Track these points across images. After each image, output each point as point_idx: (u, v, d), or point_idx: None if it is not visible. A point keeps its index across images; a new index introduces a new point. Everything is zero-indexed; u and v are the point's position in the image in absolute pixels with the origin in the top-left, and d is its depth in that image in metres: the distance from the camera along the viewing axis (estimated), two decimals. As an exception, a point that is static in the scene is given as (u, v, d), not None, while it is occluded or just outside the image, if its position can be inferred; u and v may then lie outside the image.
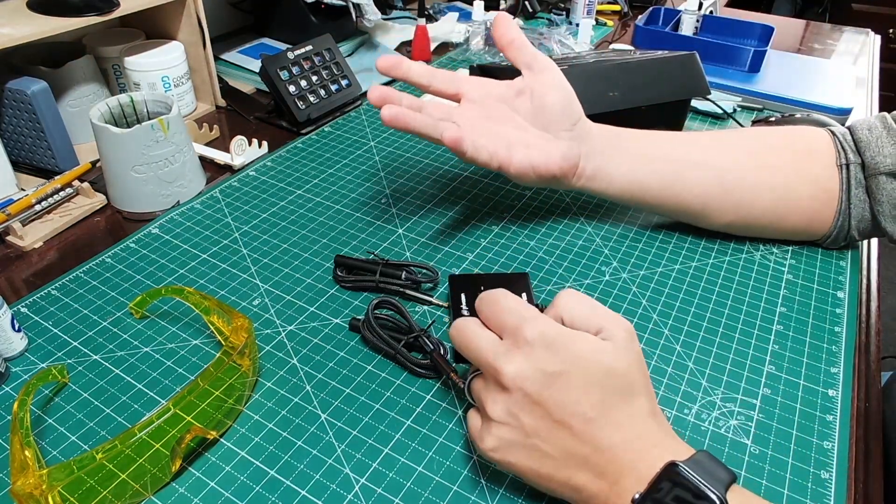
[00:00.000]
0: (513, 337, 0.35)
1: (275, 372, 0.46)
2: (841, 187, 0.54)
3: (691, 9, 1.10)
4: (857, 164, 0.54)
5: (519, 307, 0.36)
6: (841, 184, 0.54)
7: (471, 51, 1.04)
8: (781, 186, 0.54)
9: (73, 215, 0.61)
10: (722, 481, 0.31)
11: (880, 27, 1.63)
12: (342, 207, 0.63)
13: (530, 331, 0.34)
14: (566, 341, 0.34)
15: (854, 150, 0.55)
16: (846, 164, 0.54)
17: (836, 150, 0.55)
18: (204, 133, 0.74)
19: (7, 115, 0.64)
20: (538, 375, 0.33)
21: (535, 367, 0.33)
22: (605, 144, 0.54)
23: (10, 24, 0.61)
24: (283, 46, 0.96)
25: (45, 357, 0.46)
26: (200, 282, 0.54)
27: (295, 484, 0.38)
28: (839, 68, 1.00)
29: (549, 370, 0.33)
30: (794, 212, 0.55)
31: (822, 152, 0.55)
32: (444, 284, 0.54)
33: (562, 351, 0.34)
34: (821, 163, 0.55)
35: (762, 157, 0.55)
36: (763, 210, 0.55)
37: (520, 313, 0.35)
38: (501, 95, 0.53)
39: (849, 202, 0.54)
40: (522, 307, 0.36)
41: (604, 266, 0.56)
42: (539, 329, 0.34)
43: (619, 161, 0.54)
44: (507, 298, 0.37)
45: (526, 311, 0.35)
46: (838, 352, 0.49)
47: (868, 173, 0.54)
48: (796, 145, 0.56)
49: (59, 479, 0.33)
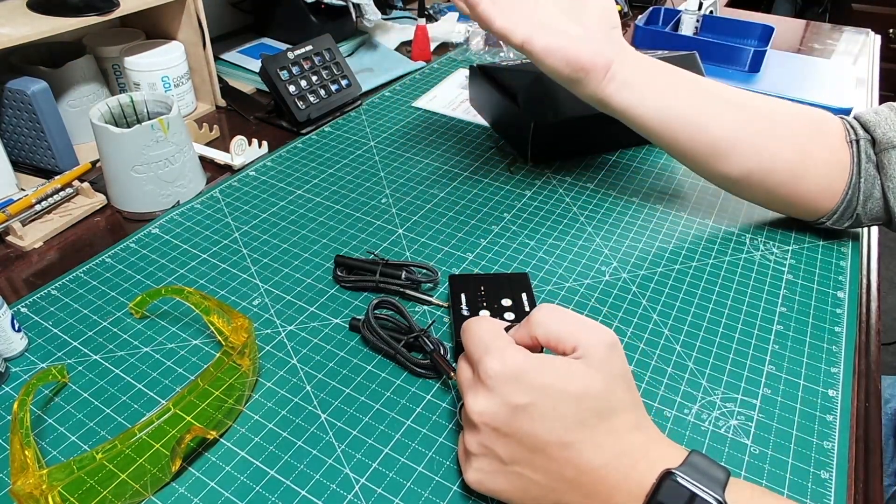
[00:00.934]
0: (478, 371, 0.34)
1: (275, 372, 0.46)
2: (852, 160, 0.54)
3: (691, 9, 1.10)
4: (867, 140, 0.54)
5: (485, 337, 0.35)
6: (852, 157, 0.54)
7: (471, 51, 1.04)
8: (802, 146, 0.54)
9: (73, 215, 0.61)
10: (718, 481, 0.31)
11: (880, 27, 1.63)
12: (342, 207, 0.63)
13: (491, 364, 0.33)
14: (530, 371, 0.33)
15: (863, 129, 0.55)
16: (856, 139, 0.54)
17: (845, 129, 0.55)
18: (204, 133, 0.74)
19: (7, 115, 0.64)
20: (503, 410, 0.33)
21: (499, 401, 0.33)
22: (640, 61, 0.53)
23: (10, 24, 0.61)
24: (283, 46, 0.96)
25: (45, 357, 0.46)
26: (200, 282, 0.54)
27: (295, 484, 0.38)
28: (839, 68, 1.00)
29: (513, 403, 0.33)
30: (810, 174, 0.54)
31: (833, 128, 0.55)
32: (444, 284, 0.54)
33: (525, 382, 0.33)
34: (834, 137, 0.55)
35: (786, 119, 0.55)
36: (783, 163, 0.54)
37: (485, 345, 0.35)
38: None
39: (859, 176, 0.54)
40: (489, 337, 0.35)
41: (604, 266, 0.56)
42: (501, 362, 0.33)
43: (654, 79, 0.53)
44: (476, 328, 0.36)
45: (491, 342, 0.35)
46: (838, 352, 0.49)
47: (879, 149, 0.53)
48: (812, 115, 0.56)
49: (59, 479, 0.33)
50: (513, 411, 0.33)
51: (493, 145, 0.75)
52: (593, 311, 0.52)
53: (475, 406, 0.34)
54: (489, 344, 0.35)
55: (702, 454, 0.32)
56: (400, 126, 0.79)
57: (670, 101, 0.53)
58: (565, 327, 0.35)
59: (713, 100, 0.54)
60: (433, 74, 0.94)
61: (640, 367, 0.47)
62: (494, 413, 0.33)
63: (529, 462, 0.33)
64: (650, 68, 0.54)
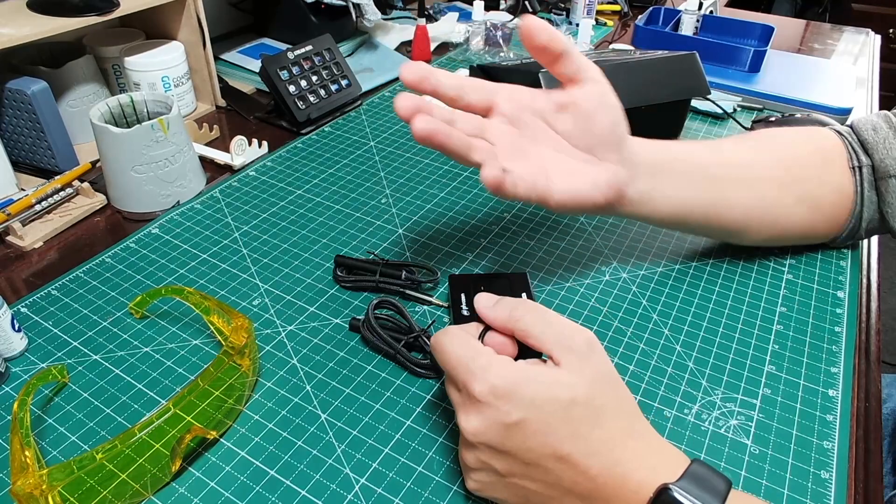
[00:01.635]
0: (466, 393, 0.34)
1: (275, 372, 0.46)
2: (855, 190, 0.54)
3: (691, 9, 1.10)
4: (868, 167, 0.54)
5: (463, 357, 0.34)
6: (855, 186, 0.54)
7: (471, 51, 1.04)
8: (810, 198, 0.54)
9: (73, 215, 0.61)
10: (719, 493, 0.31)
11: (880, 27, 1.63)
12: (342, 207, 0.63)
13: (479, 386, 0.33)
14: (518, 387, 0.33)
15: (862, 151, 0.55)
16: (858, 166, 0.54)
17: (847, 153, 0.55)
18: (204, 133, 0.74)
19: (7, 115, 0.64)
20: (496, 428, 0.33)
21: (492, 421, 0.33)
22: (649, 166, 0.48)
23: (10, 24, 0.61)
24: (283, 46, 0.96)
25: (45, 357, 0.46)
26: (200, 282, 0.54)
27: (295, 484, 0.38)
28: (839, 68, 1.00)
29: (506, 422, 0.32)
30: (820, 220, 0.55)
31: (836, 156, 0.55)
32: (444, 284, 0.54)
33: (515, 398, 0.32)
34: (838, 167, 0.55)
35: (794, 171, 0.54)
36: (796, 223, 0.54)
37: (466, 366, 0.34)
38: (539, 110, 0.45)
39: (862, 204, 0.54)
40: (468, 355, 0.34)
41: (604, 266, 0.56)
42: (489, 383, 0.33)
43: (665, 185, 0.49)
44: (450, 347, 0.35)
45: (471, 361, 0.34)
46: (838, 352, 0.49)
47: (878, 175, 0.54)
48: (816, 155, 0.55)
49: (59, 479, 0.33)
50: (506, 429, 0.33)
51: (493, 145, 0.75)
52: (593, 310, 0.52)
53: (468, 426, 0.33)
54: (469, 364, 0.34)
55: (702, 464, 0.32)
56: (400, 126, 0.79)
57: (683, 200, 0.50)
58: (545, 328, 0.35)
59: (724, 184, 0.51)
60: (433, 74, 0.94)
61: (640, 367, 0.47)
62: (487, 432, 0.33)
63: (527, 474, 0.33)
64: (662, 169, 0.49)
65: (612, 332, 0.50)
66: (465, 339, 0.36)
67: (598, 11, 1.23)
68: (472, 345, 0.35)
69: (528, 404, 0.32)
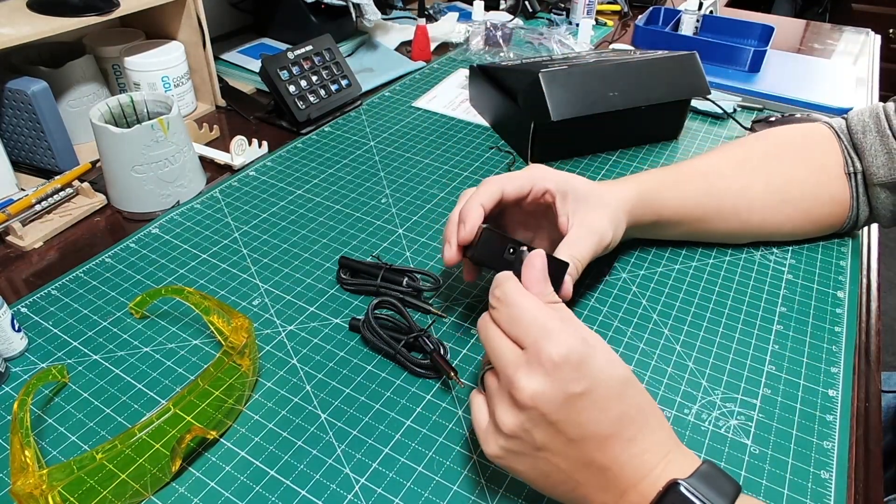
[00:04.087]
0: (535, 352, 0.32)
1: (275, 372, 0.46)
2: (851, 195, 0.56)
3: (691, 9, 1.10)
4: (861, 173, 0.56)
5: (540, 317, 0.33)
6: (851, 191, 0.56)
7: (471, 51, 1.04)
8: (808, 207, 0.57)
9: (73, 215, 0.61)
10: (727, 495, 0.31)
11: (880, 27, 1.63)
12: (342, 207, 0.63)
13: (556, 349, 0.31)
14: (589, 358, 0.32)
15: (856, 154, 0.56)
16: (853, 172, 0.56)
17: (843, 157, 0.56)
18: (204, 133, 0.74)
19: (7, 115, 0.64)
20: (559, 396, 0.31)
21: (558, 387, 0.31)
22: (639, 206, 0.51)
23: (10, 24, 0.61)
24: (283, 46, 0.96)
25: (45, 357, 0.46)
26: (200, 282, 0.54)
27: (295, 484, 0.38)
28: (839, 68, 1.00)
29: (572, 391, 0.31)
30: (815, 223, 0.58)
31: (831, 161, 0.56)
32: (444, 286, 0.53)
33: (585, 368, 0.31)
34: (834, 175, 0.56)
35: (783, 191, 0.55)
36: (792, 226, 0.58)
37: (542, 325, 0.33)
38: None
39: (857, 208, 0.57)
40: (544, 317, 0.33)
41: (604, 266, 0.56)
42: (566, 346, 0.32)
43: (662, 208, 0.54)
44: (527, 306, 0.34)
45: (549, 322, 0.33)
46: (838, 352, 0.49)
47: (867, 181, 0.56)
48: (809, 163, 0.57)
49: (59, 479, 0.33)
50: (568, 399, 0.31)
51: (493, 145, 0.75)
52: (593, 311, 0.52)
53: (529, 386, 0.32)
54: (545, 323, 0.33)
55: (714, 465, 0.32)
56: (400, 126, 0.79)
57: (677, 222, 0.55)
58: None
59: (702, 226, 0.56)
60: (433, 74, 0.94)
61: (640, 367, 0.47)
62: (550, 398, 0.31)
63: (561, 451, 0.32)
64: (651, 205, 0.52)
65: (612, 332, 0.50)
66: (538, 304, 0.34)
67: (598, 11, 1.23)
68: (546, 307, 0.34)
69: (594, 377, 0.32)
